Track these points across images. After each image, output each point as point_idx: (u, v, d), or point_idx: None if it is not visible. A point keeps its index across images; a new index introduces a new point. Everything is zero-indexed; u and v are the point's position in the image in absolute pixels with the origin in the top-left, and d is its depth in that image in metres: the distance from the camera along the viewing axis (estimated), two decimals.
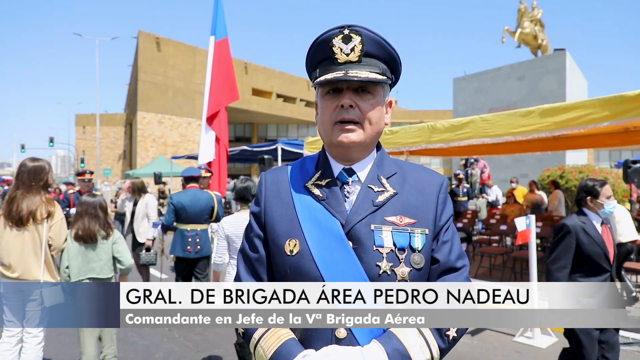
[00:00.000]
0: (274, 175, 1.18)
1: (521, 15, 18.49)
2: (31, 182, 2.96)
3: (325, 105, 1.08)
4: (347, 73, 1.02)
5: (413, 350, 0.94)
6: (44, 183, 3.02)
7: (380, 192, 1.07)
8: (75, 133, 42.78)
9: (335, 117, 1.06)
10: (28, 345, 2.99)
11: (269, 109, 35.98)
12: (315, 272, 1.00)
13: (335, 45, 1.03)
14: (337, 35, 1.03)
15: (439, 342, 0.98)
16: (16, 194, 2.95)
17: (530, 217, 4.45)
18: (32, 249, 2.95)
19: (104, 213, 3.23)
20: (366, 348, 0.94)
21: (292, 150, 10.83)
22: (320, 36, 1.06)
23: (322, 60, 1.07)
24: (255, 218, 1.15)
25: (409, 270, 1.01)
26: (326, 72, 1.05)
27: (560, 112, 4.87)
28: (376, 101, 1.07)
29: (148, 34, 29.88)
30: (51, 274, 3.05)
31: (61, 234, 3.05)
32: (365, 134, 1.06)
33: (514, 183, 11.04)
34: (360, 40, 1.02)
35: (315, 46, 1.08)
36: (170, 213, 4.82)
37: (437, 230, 1.08)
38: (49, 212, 2.96)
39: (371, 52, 1.04)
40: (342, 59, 1.03)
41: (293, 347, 0.98)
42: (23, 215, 2.89)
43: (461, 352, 4.11)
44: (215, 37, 7.40)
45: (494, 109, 16.41)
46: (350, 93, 1.05)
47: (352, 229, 1.03)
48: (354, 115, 1.04)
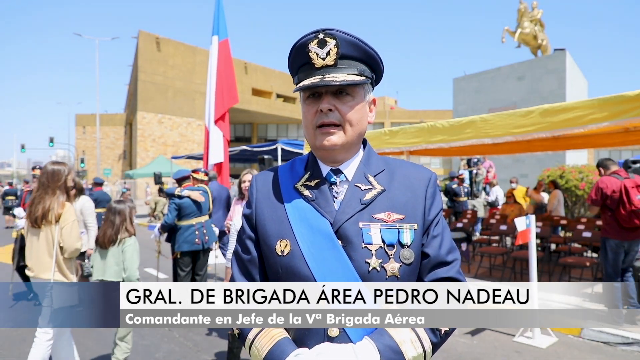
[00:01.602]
0: (265, 177, 1.20)
1: (521, 15, 18.48)
2: (49, 184, 3.07)
3: (307, 110, 1.09)
4: (323, 78, 1.02)
5: (405, 345, 0.95)
6: (62, 186, 3.10)
7: (368, 189, 1.08)
8: (75, 133, 42.77)
9: (316, 121, 1.07)
10: (38, 340, 3.08)
11: (268, 109, 35.98)
12: (307, 271, 1.01)
13: (312, 50, 1.04)
14: (313, 40, 1.04)
15: (430, 336, 0.99)
16: (35, 195, 3.09)
17: (530, 217, 4.45)
18: (47, 250, 3.06)
19: (122, 219, 3.36)
20: (358, 345, 0.95)
21: (292, 150, 10.83)
22: (297, 42, 1.07)
23: (302, 65, 1.08)
24: (247, 220, 1.17)
25: (399, 266, 1.02)
26: (306, 77, 1.06)
27: (560, 112, 4.87)
28: (356, 102, 1.08)
29: (148, 34, 29.88)
30: (64, 275, 3.12)
31: (71, 236, 3.09)
32: (347, 136, 1.07)
33: (514, 183, 11.04)
34: (335, 43, 1.03)
35: (294, 52, 1.09)
36: (173, 211, 4.93)
37: (427, 224, 1.09)
38: (59, 214, 3.04)
39: (347, 54, 1.05)
40: (319, 64, 1.04)
41: (286, 346, 0.99)
42: (37, 216, 3.01)
43: (461, 352, 4.11)
44: (218, 36, 7.41)
45: (493, 109, 16.40)
46: (330, 97, 1.06)
47: (341, 227, 1.04)
48: (333, 119, 1.06)
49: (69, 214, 3.09)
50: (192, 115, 31.77)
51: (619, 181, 4.61)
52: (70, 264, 3.18)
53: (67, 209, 3.11)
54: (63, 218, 3.07)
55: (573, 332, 4.58)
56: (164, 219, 5.02)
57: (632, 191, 4.47)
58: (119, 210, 3.37)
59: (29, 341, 4.33)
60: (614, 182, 4.64)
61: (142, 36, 29.36)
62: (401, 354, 0.94)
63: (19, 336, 4.50)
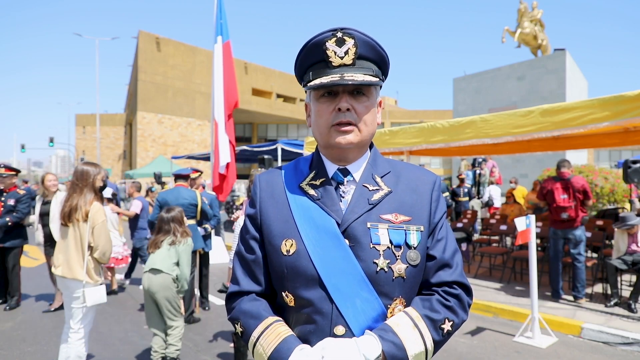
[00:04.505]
0: (268, 176, 1.19)
1: (521, 15, 18.48)
2: (78, 183, 3.16)
3: (321, 109, 1.08)
4: (343, 76, 1.02)
5: (407, 342, 0.96)
6: (90, 185, 3.17)
7: (375, 190, 1.09)
8: (75, 133, 42.78)
9: (332, 119, 1.06)
10: (70, 340, 3.13)
11: (269, 109, 35.97)
12: (313, 271, 1.01)
13: (329, 48, 1.03)
14: (330, 38, 1.03)
15: (433, 334, 1.00)
16: (67, 193, 3.21)
17: (530, 217, 4.45)
18: (75, 248, 3.10)
19: (178, 224, 3.66)
20: (361, 339, 0.95)
21: (292, 150, 10.82)
22: (312, 39, 1.06)
23: (315, 63, 1.07)
24: (251, 220, 1.16)
25: (406, 267, 1.02)
26: (319, 75, 1.05)
27: (560, 112, 4.87)
28: (370, 103, 1.09)
29: (148, 34, 29.87)
30: (89, 275, 3.11)
31: (101, 236, 3.12)
32: (362, 135, 1.08)
33: (514, 183, 11.04)
34: (354, 43, 1.03)
35: (307, 49, 1.07)
36: (156, 209, 4.98)
37: (432, 227, 1.10)
38: (86, 213, 3.08)
39: (364, 55, 1.05)
40: (336, 62, 1.03)
41: (292, 343, 0.99)
42: (65, 213, 3.10)
43: (461, 352, 4.11)
44: (223, 36, 7.42)
45: (493, 109, 16.41)
46: (347, 96, 1.06)
47: (349, 227, 1.03)
48: (350, 118, 1.06)
49: (99, 215, 3.12)
50: (192, 115, 31.76)
51: (553, 182, 5.66)
52: (97, 265, 3.19)
53: (97, 209, 3.14)
54: (94, 218, 3.09)
55: (573, 332, 4.58)
56: (149, 216, 5.08)
57: (556, 192, 5.54)
58: (172, 217, 3.66)
59: (29, 341, 4.34)
60: (550, 183, 5.71)
61: (142, 36, 29.36)
62: (404, 350, 0.95)
63: (19, 336, 4.50)
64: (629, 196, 9.26)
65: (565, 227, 5.52)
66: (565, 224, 5.52)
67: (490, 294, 5.78)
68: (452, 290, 1.06)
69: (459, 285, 1.07)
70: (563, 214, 5.47)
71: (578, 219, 5.47)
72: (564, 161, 5.71)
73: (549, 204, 5.69)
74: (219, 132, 7.29)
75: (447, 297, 1.05)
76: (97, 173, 3.21)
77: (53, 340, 4.34)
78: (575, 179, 5.54)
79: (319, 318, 1.00)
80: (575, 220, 5.46)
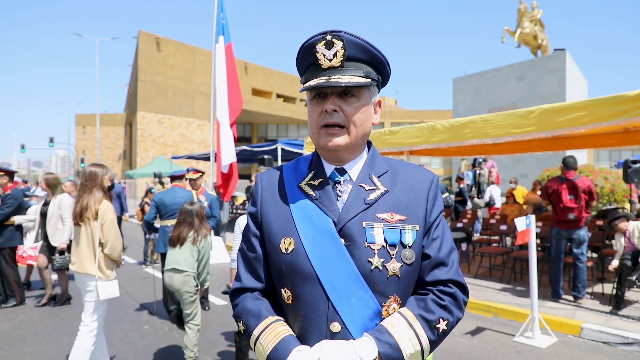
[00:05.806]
0: (270, 175, 1.22)
1: (521, 15, 18.48)
2: (87, 184, 3.31)
3: (312, 110, 1.11)
4: (329, 79, 1.03)
5: (403, 343, 0.97)
6: (98, 185, 3.33)
7: (372, 190, 1.10)
8: (75, 133, 42.79)
9: (320, 121, 1.08)
10: (80, 333, 3.26)
11: (269, 109, 35.97)
12: (310, 268, 1.04)
13: (319, 51, 1.05)
14: (320, 41, 1.05)
15: (428, 334, 1.01)
16: (77, 194, 3.38)
17: (530, 217, 4.45)
18: (87, 245, 3.27)
19: (200, 219, 3.69)
20: (358, 341, 0.97)
21: (292, 150, 10.83)
22: (305, 42, 1.09)
23: (309, 66, 1.10)
24: (253, 218, 1.19)
25: (400, 266, 1.04)
26: (312, 77, 1.08)
27: (560, 112, 4.87)
28: (361, 104, 1.09)
29: (148, 34, 29.87)
30: (101, 270, 3.27)
31: (110, 233, 3.26)
32: (351, 137, 1.09)
33: (514, 183, 11.04)
34: (342, 45, 1.04)
35: (302, 52, 1.10)
36: (152, 209, 5.02)
37: (428, 226, 1.11)
38: (96, 211, 3.24)
39: (354, 56, 1.06)
40: (325, 65, 1.05)
41: (290, 343, 1.02)
42: (76, 213, 3.28)
43: (461, 352, 4.12)
44: (224, 37, 7.43)
45: (493, 109, 16.41)
46: (335, 97, 1.07)
47: (345, 226, 1.05)
48: (338, 119, 1.07)
49: (107, 212, 3.28)
50: (192, 115, 31.76)
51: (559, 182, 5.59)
52: (108, 260, 3.33)
53: (106, 207, 3.29)
54: (103, 215, 3.25)
55: (573, 332, 4.58)
56: (145, 216, 5.11)
57: (563, 192, 5.49)
58: (196, 212, 3.67)
59: (29, 341, 4.34)
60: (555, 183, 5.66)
61: (142, 36, 29.36)
62: (399, 351, 0.96)
63: (19, 336, 4.50)
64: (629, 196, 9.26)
65: (570, 228, 5.50)
66: (570, 225, 5.49)
67: (490, 294, 5.78)
68: (447, 289, 1.07)
69: (454, 284, 1.08)
70: (570, 215, 5.44)
71: (583, 219, 5.45)
72: (570, 157, 5.63)
73: (553, 204, 5.64)
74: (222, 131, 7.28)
75: (442, 296, 1.06)
76: (104, 173, 3.38)
77: (53, 340, 4.34)
78: (581, 180, 5.52)
79: (315, 315, 1.03)
80: (580, 220, 5.44)
